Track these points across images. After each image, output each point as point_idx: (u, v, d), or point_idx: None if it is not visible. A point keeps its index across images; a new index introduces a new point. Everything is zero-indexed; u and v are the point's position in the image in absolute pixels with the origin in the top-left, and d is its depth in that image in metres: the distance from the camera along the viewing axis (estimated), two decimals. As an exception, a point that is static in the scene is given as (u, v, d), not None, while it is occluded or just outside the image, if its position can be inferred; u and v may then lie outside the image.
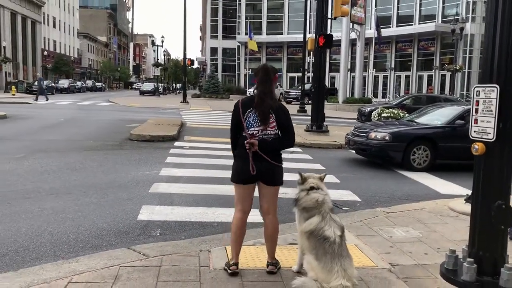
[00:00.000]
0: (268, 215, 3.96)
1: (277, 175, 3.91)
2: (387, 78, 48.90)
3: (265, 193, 3.92)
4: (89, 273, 3.77)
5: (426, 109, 12.77)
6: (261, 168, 3.79)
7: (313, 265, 3.62)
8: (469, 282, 3.43)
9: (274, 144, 3.83)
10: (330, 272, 3.53)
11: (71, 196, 6.55)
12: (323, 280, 3.52)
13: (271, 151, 3.81)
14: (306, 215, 3.76)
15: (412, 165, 9.86)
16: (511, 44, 3.32)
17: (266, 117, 3.77)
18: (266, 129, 3.80)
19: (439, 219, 5.84)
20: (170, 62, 76.30)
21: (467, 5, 41.53)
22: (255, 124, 3.80)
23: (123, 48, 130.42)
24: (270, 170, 3.84)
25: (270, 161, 3.80)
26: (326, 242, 3.61)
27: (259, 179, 3.87)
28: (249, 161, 3.77)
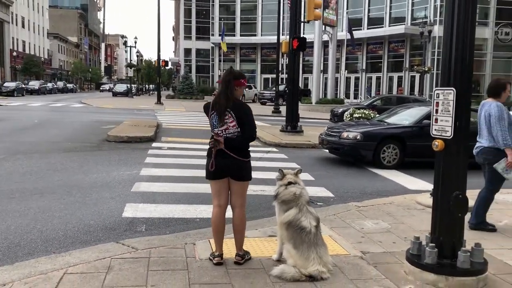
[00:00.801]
0: (236, 208, 4.25)
1: (244, 171, 4.15)
2: (358, 80, 49.87)
3: (234, 188, 4.21)
4: (83, 265, 4.02)
5: (396, 109, 13.31)
6: (227, 164, 4.07)
7: (291, 253, 3.97)
8: (430, 264, 3.85)
9: (237, 141, 4.07)
10: (307, 259, 3.89)
11: (56, 196, 6.73)
12: (301, 266, 3.88)
13: (236, 147, 4.07)
14: (285, 207, 4.10)
15: (382, 163, 10.34)
16: (464, 55, 3.74)
17: (221, 116, 4.04)
18: (228, 128, 4.07)
19: (407, 212, 6.28)
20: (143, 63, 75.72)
21: (435, 9, 42.77)
22: (218, 125, 4.09)
23: (95, 49, 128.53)
24: (237, 166, 4.09)
25: (236, 157, 4.05)
26: (303, 232, 3.97)
27: (227, 175, 4.14)
28: (212, 160, 4.06)
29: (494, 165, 5.33)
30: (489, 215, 5.77)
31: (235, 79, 4.11)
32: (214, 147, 4.06)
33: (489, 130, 5.37)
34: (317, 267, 3.88)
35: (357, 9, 49.34)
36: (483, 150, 5.48)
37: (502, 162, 5.27)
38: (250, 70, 59.48)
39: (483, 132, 5.49)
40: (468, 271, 3.77)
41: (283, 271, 3.89)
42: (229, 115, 4.06)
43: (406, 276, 4.01)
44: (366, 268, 4.21)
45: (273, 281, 3.82)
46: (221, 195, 4.22)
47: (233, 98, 4.08)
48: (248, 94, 45.17)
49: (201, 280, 3.80)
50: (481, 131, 5.53)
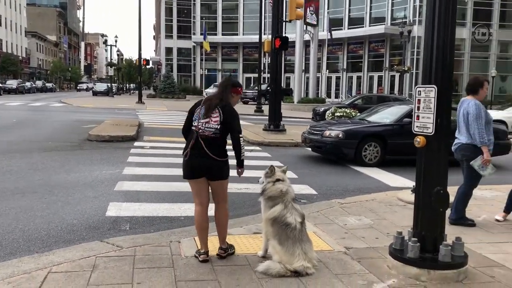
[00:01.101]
0: (218, 204, 4.30)
1: (221, 170, 4.16)
2: (339, 79, 50.30)
3: (213, 187, 4.25)
4: (67, 264, 3.99)
5: (377, 108, 13.47)
6: (205, 164, 4.08)
7: (277, 249, 4.01)
8: (413, 258, 3.93)
9: (217, 140, 4.10)
10: (292, 255, 3.94)
11: (37, 195, 6.65)
12: (286, 262, 3.92)
13: (216, 146, 4.08)
14: (270, 203, 4.14)
15: (364, 161, 10.47)
16: (445, 53, 3.83)
17: (209, 109, 4.12)
18: (209, 122, 4.10)
19: (389, 208, 6.38)
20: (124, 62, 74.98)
21: (414, 9, 43.39)
22: (202, 117, 4.14)
23: (74, 48, 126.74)
24: (214, 166, 4.11)
25: (214, 158, 4.06)
26: (288, 228, 4.01)
27: (204, 175, 4.16)
28: (188, 155, 4.11)
29: (471, 162, 5.47)
30: (468, 210, 5.91)
31: (233, 86, 4.28)
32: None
33: (467, 127, 5.50)
34: (302, 263, 3.93)
35: (338, 9, 49.75)
36: (461, 147, 5.61)
37: (478, 159, 5.42)
38: (232, 70, 59.44)
39: (462, 129, 5.62)
40: (449, 265, 3.86)
41: (269, 267, 3.93)
42: (216, 110, 4.12)
43: (389, 270, 4.08)
44: (350, 263, 4.27)
45: (259, 277, 3.85)
46: (201, 194, 4.25)
47: (226, 101, 4.20)
48: (230, 93, 45.08)
49: (187, 277, 3.82)
50: (459, 128, 5.66)
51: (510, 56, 46.67)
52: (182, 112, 27.16)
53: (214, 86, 46.40)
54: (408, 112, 10.96)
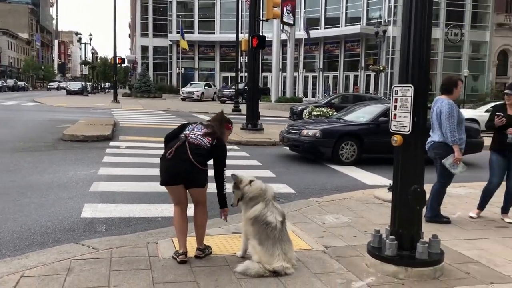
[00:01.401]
0: (197, 207, 4.28)
1: (199, 178, 4.10)
2: (316, 78, 50.63)
3: (191, 193, 4.22)
4: (41, 267, 3.88)
5: (353, 107, 13.59)
6: (184, 170, 4.00)
7: (257, 249, 3.99)
8: (391, 256, 3.97)
9: (204, 152, 4.08)
10: (272, 256, 3.93)
11: (9, 197, 6.47)
12: (266, 262, 3.91)
13: (200, 155, 4.03)
14: (252, 203, 4.12)
15: (341, 160, 10.55)
16: (422, 52, 3.88)
17: (207, 129, 4.21)
18: (203, 136, 4.11)
19: (366, 206, 6.44)
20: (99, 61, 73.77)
21: (389, 9, 43.98)
22: (196, 130, 4.17)
23: (47, 46, 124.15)
24: (194, 174, 4.03)
25: (195, 164, 3.98)
26: (268, 227, 3.99)
27: (181, 182, 4.08)
28: (166, 162, 4.06)
29: (442, 161, 5.56)
30: (443, 208, 6.00)
31: (226, 122, 4.39)
32: None
33: (440, 126, 5.59)
34: (281, 263, 3.91)
35: (314, 9, 50.04)
36: (434, 145, 5.70)
37: (450, 158, 5.51)
38: (209, 68, 59.19)
39: (435, 127, 5.70)
40: (426, 262, 3.91)
41: (247, 267, 3.91)
42: (210, 132, 4.17)
43: (368, 269, 4.11)
44: (329, 261, 4.28)
45: (238, 278, 3.82)
46: (179, 200, 4.22)
47: (221, 134, 4.28)
48: (208, 92, 44.95)
49: (165, 279, 3.76)
50: (433, 126, 5.75)
51: (481, 56, 47.79)
52: (159, 111, 26.93)
53: (191, 85, 46.17)
54: (384, 111, 11.10)
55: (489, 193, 5.99)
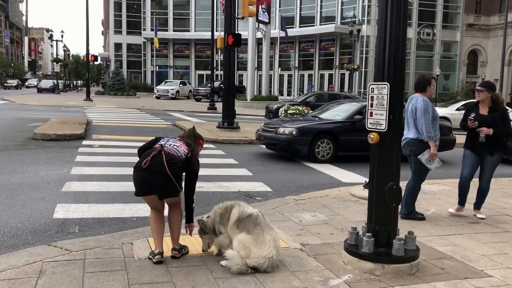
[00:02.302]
0: (171, 208, 4.24)
1: (172, 189, 4.03)
2: (291, 77, 50.82)
3: (166, 200, 4.18)
4: (11, 270, 3.76)
5: (328, 105, 13.67)
6: (158, 182, 3.95)
7: (245, 240, 3.93)
8: (368, 253, 3.98)
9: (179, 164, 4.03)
10: (263, 242, 3.91)
11: (-23, 198, 6.25)
12: (256, 252, 3.86)
13: (175, 166, 3.98)
14: (226, 216, 4.15)
15: (317, 157, 10.59)
16: (397, 51, 3.91)
17: (184, 141, 4.20)
18: (179, 147, 4.10)
19: (342, 204, 6.47)
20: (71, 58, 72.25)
21: (363, 9, 44.49)
22: (171, 141, 4.16)
23: (17, 43, 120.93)
24: (167, 186, 3.97)
25: (169, 177, 3.91)
26: (252, 217, 4.02)
27: (154, 192, 4.02)
28: (141, 173, 3.99)
29: (419, 156, 5.64)
30: (418, 204, 6.08)
31: (199, 138, 4.39)
32: None
33: (415, 123, 5.67)
34: (272, 252, 3.90)
35: (289, 7, 50.20)
36: (409, 142, 5.77)
37: (426, 153, 5.60)
38: (184, 66, 58.71)
39: (410, 125, 5.78)
40: (402, 258, 3.95)
41: (233, 258, 3.87)
42: (186, 145, 4.17)
43: (345, 266, 4.12)
44: (306, 259, 4.28)
45: (215, 277, 3.78)
46: (155, 206, 4.18)
47: (196, 149, 4.26)
48: (183, 90, 44.60)
49: (141, 280, 3.69)
50: (408, 124, 5.82)
51: (452, 56, 48.84)
52: (133, 109, 26.56)
53: (166, 83, 45.72)
54: (359, 109, 11.20)
55: (462, 186, 6.08)
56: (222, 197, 6.91)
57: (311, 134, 10.69)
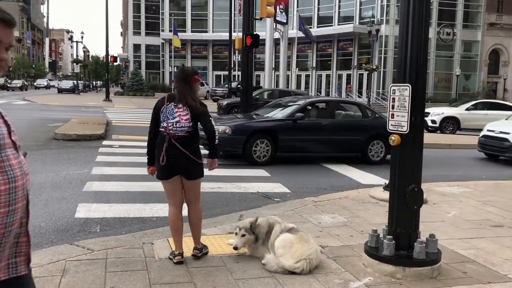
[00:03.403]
0: (191, 204, 4.24)
1: (196, 168, 4.14)
2: (309, 77, 50.65)
3: (187, 186, 4.19)
4: (35, 269, 3.82)
5: (273, 102, 13.01)
6: (182, 164, 4.04)
7: (289, 238, 4.07)
8: (388, 256, 3.95)
9: (189, 137, 4.08)
10: (307, 242, 4.04)
11: (1, 197, 6.37)
12: (297, 250, 3.94)
13: (189, 144, 4.05)
14: (268, 234, 4.29)
15: (254, 159, 9.88)
16: (419, 52, 3.87)
17: (177, 106, 4.08)
18: (180, 122, 4.06)
19: (362, 206, 6.43)
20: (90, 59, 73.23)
21: (382, 8, 44.08)
22: (171, 117, 4.06)
23: (38, 44, 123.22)
24: (189, 166, 4.07)
25: (191, 157, 4.03)
26: (293, 229, 4.24)
27: (179, 173, 4.10)
28: (165, 159, 4.03)
29: None
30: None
31: (193, 75, 4.21)
32: None
33: None
34: (313, 253, 4.01)
35: (307, 8, 50.04)
36: None
37: None
38: (202, 67, 58.95)
39: None
40: (423, 262, 3.91)
41: (268, 262, 4.01)
42: (184, 108, 4.06)
43: (365, 269, 4.10)
44: (326, 261, 4.27)
45: (235, 278, 3.80)
46: (175, 194, 4.19)
47: (192, 94, 4.14)
48: (201, 91, 44.73)
49: (162, 280, 3.72)
50: None
51: (473, 56, 48.07)
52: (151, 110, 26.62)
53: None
54: (302, 107, 10.73)
55: None
56: (241, 197, 6.94)
57: (246, 133, 9.91)
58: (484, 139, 12.47)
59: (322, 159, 10.66)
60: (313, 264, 3.95)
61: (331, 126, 10.64)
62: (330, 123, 10.73)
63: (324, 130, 10.50)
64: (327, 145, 10.66)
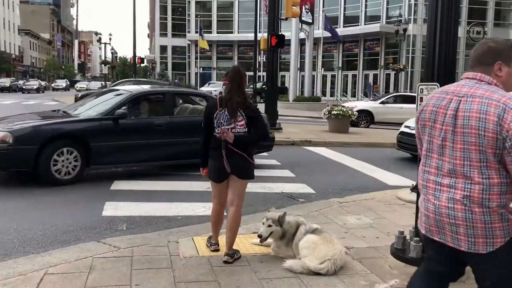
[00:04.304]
0: (232, 206, 4.21)
1: (248, 169, 4.17)
2: (335, 77, 50.32)
3: (233, 185, 4.18)
4: (64, 265, 3.91)
5: (92, 96, 9.97)
6: (233, 163, 4.05)
7: (313, 239, 4.06)
8: (415, 258, 3.87)
9: (245, 137, 4.08)
10: (332, 242, 4.04)
11: (32, 194, 6.54)
12: (322, 251, 3.94)
13: (243, 144, 4.05)
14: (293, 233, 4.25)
15: (55, 177, 7.03)
16: (448, 50, 3.79)
17: (234, 112, 4.01)
18: (235, 127, 4.04)
19: (388, 207, 6.33)
20: (118, 60, 74.53)
21: (409, 7, 43.47)
22: (225, 123, 4.04)
23: (68, 46, 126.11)
24: (243, 164, 4.08)
25: (243, 154, 4.04)
26: (317, 230, 4.22)
27: (232, 173, 4.11)
28: (223, 160, 4.02)
29: None
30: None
31: (243, 76, 4.18)
32: (224, 139, 3.99)
33: None
34: (338, 254, 3.98)
35: (333, 7, 49.74)
36: None
37: None
38: (227, 68, 59.22)
39: None
40: (452, 264, 3.81)
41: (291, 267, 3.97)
42: (239, 113, 4.04)
43: (391, 270, 4.03)
44: (351, 263, 4.22)
45: (259, 278, 3.79)
46: (221, 195, 4.25)
47: (244, 98, 4.10)
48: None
49: (186, 278, 3.75)
50: None
51: (504, 55, 46.80)
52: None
53: (210, 84, 46.31)
54: (125, 101, 7.97)
55: None
56: (265, 197, 6.93)
57: (39, 140, 6.90)
58: (401, 136, 11.13)
59: (347, 160, 10.55)
60: (337, 265, 3.91)
61: (167, 126, 8.11)
62: (167, 123, 8.14)
63: (157, 132, 7.97)
64: (163, 151, 8.07)
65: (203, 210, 5.97)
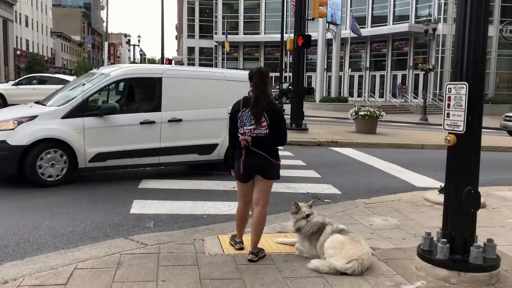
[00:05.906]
0: (257, 206, 4.24)
1: (272, 169, 4.19)
2: (362, 78, 49.74)
3: (259, 185, 4.22)
4: (93, 260, 4.01)
5: None
6: (257, 162, 4.09)
7: (340, 239, 4.05)
8: (442, 260, 3.82)
9: (266, 139, 4.10)
10: (359, 242, 4.03)
11: (61, 192, 6.72)
12: (349, 250, 3.92)
13: (264, 146, 4.09)
14: (316, 235, 4.21)
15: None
16: (477, 48, 3.72)
17: (259, 117, 4.06)
18: (257, 128, 4.09)
19: (415, 209, 6.24)
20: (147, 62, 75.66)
21: (439, 6, 42.61)
22: (248, 123, 4.10)
23: (98, 47, 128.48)
24: (267, 164, 4.12)
25: (266, 156, 4.08)
26: (344, 230, 4.21)
27: (256, 173, 4.16)
28: (242, 159, 4.10)
29: None
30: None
31: (267, 76, 4.21)
32: (245, 143, 4.06)
33: None
34: (365, 254, 3.97)
35: (361, 7, 49.18)
36: None
37: None
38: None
39: None
40: (480, 267, 3.75)
41: (317, 267, 3.96)
42: (261, 118, 4.09)
43: (418, 272, 3.98)
44: (377, 264, 4.18)
45: (284, 277, 3.80)
46: (247, 195, 4.31)
47: (268, 99, 4.15)
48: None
49: (211, 275, 3.79)
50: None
51: (538, 54, 45.44)
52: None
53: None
54: None
55: None
56: (290, 198, 6.92)
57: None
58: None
59: (374, 161, 10.44)
60: (364, 265, 3.89)
61: None
62: None
63: None
64: None
65: (228, 209, 6.02)
